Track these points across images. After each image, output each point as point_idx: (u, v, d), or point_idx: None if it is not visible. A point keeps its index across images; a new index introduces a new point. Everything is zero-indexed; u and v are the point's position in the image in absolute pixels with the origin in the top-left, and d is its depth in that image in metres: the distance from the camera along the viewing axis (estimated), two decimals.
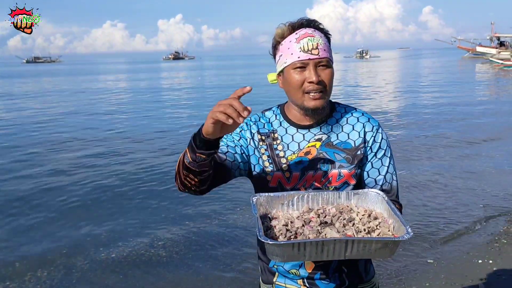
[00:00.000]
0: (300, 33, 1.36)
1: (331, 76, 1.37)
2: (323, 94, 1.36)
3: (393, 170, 1.46)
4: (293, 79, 1.36)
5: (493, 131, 9.96)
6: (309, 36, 1.34)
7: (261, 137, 1.47)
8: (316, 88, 1.34)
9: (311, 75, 1.33)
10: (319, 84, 1.34)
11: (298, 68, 1.35)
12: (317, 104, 1.36)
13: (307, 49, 1.33)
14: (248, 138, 1.47)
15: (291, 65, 1.36)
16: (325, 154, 1.41)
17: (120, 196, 6.24)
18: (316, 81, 1.33)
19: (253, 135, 1.47)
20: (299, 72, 1.35)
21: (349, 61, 73.38)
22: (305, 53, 1.33)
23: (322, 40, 1.35)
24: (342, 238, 1.10)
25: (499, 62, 38.97)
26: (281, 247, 1.09)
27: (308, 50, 1.33)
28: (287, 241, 1.10)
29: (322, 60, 1.34)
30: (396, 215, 1.18)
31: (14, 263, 4.29)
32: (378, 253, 1.12)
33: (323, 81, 1.35)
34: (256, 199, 1.30)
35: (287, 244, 1.08)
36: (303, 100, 1.37)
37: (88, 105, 18.10)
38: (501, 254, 4.03)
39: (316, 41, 1.34)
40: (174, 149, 9.18)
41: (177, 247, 4.47)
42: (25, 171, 7.76)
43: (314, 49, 1.33)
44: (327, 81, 1.36)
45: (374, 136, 1.43)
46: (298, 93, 1.37)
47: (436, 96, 17.64)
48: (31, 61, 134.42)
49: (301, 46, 1.33)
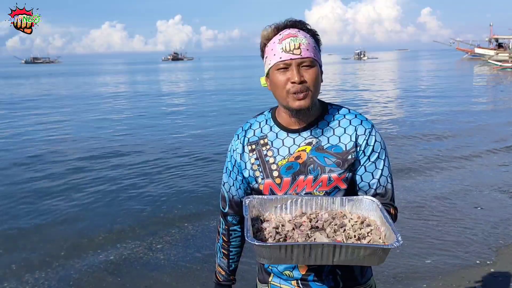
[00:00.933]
0: (283, 34, 1.35)
1: (316, 75, 1.35)
2: (307, 94, 1.34)
3: (388, 173, 1.44)
4: (277, 80, 1.36)
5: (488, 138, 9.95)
6: (291, 37, 1.33)
7: (251, 147, 1.48)
8: (299, 89, 1.33)
9: (293, 75, 1.32)
10: (302, 84, 1.33)
11: (281, 69, 1.34)
12: (301, 104, 1.34)
13: (289, 49, 1.32)
14: (238, 154, 1.50)
15: (274, 66, 1.36)
16: (315, 159, 1.40)
17: (118, 197, 6.23)
18: (298, 81, 1.32)
19: (243, 149, 1.49)
20: (282, 72, 1.34)
21: (346, 62, 73.30)
22: (287, 53, 1.32)
23: (306, 40, 1.34)
24: (330, 242, 1.10)
25: (497, 64, 39.07)
26: (268, 249, 1.08)
27: (290, 50, 1.32)
28: (274, 243, 1.10)
29: (305, 60, 1.33)
30: (388, 222, 1.17)
31: (11, 264, 4.29)
32: (367, 260, 1.11)
33: (306, 81, 1.34)
34: (249, 201, 1.31)
35: (274, 246, 1.08)
36: (288, 101, 1.36)
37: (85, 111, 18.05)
38: (498, 256, 4.04)
39: (299, 41, 1.33)
40: (174, 151, 9.18)
41: (175, 250, 4.47)
42: (23, 172, 7.76)
43: (296, 49, 1.32)
44: (310, 81, 1.34)
45: (366, 139, 1.40)
46: (283, 93, 1.36)
47: (433, 102, 16.59)
48: (30, 61, 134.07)
49: (283, 46, 1.33)
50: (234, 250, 1.65)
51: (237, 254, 1.67)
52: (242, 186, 1.54)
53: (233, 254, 1.66)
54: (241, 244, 1.66)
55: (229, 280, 1.68)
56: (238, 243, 1.65)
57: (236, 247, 1.65)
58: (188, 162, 8.22)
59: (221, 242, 1.66)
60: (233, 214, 1.59)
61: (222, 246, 1.65)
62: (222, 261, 1.67)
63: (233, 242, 1.64)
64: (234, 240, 1.64)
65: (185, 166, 7.86)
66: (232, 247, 1.64)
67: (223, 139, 10.00)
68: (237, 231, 1.63)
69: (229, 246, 1.64)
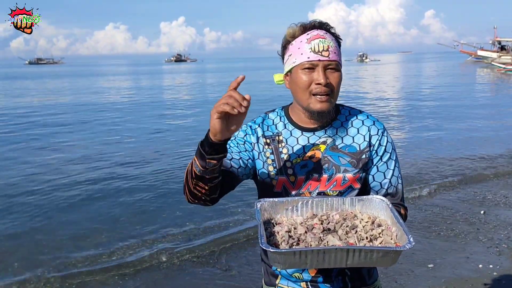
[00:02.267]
0: (311, 34, 1.35)
1: (339, 80, 1.35)
2: (329, 97, 1.34)
3: (398, 173, 1.45)
4: (301, 80, 1.34)
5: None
6: (320, 38, 1.33)
7: (266, 140, 1.45)
8: (323, 91, 1.33)
9: (319, 77, 1.32)
10: (327, 86, 1.33)
11: (307, 68, 1.33)
12: (323, 107, 1.34)
13: (318, 50, 1.32)
14: (253, 143, 1.46)
15: (300, 65, 1.35)
16: (329, 158, 1.40)
17: (121, 199, 6.23)
18: (324, 83, 1.31)
19: (258, 139, 1.46)
20: (308, 73, 1.34)
21: (348, 64, 72.95)
22: (315, 54, 1.32)
23: (333, 43, 1.35)
24: (343, 247, 1.10)
25: (501, 67, 38.97)
26: (283, 255, 1.09)
27: (319, 51, 1.32)
28: (288, 249, 1.10)
29: (332, 63, 1.33)
30: (399, 223, 1.17)
31: (14, 263, 4.30)
32: (380, 262, 1.11)
33: (331, 84, 1.33)
34: (261, 204, 1.29)
35: (288, 252, 1.08)
36: (309, 102, 1.35)
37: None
38: (501, 259, 4.02)
39: (327, 43, 1.33)
40: (175, 154, 9.20)
41: (178, 252, 4.44)
42: (23, 172, 7.78)
43: (325, 51, 1.32)
44: (335, 84, 1.34)
45: (379, 139, 1.42)
46: (305, 94, 1.35)
47: (434, 106, 16.05)
48: (34, 62, 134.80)
49: (311, 46, 1.32)
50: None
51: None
52: (237, 159, 1.38)
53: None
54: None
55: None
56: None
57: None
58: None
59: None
60: None
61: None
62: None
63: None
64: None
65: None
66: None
67: None
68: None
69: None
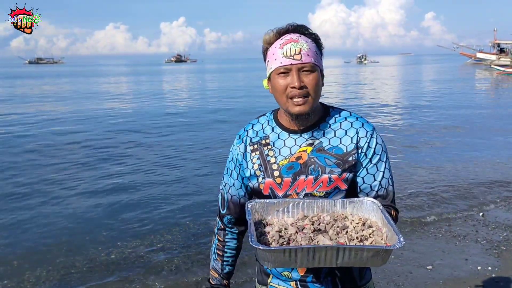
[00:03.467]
0: (284, 39, 1.37)
1: (316, 81, 1.36)
2: (307, 99, 1.36)
3: (389, 175, 1.46)
4: (277, 84, 1.38)
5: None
6: (292, 42, 1.35)
7: (253, 147, 1.49)
8: (299, 93, 1.35)
9: (293, 80, 1.34)
10: (302, 89, 1.35)
11: (282, 73, 1.36)
12: (301, 109, 1.36)
13: (290, 54, 1.34)
14: (241, 153, 1.51)
15: (275, 71, 1.38)
16: (316, 159, 1.41)
17: (120, 196, 6.25)
18: (298, 86, 1.33)
19: (245, 148, 1.50)
20: (283, 77, 1.36)
21: (347, 66, 72.73)
22: (287, 58, 1.34)
23: (306, 45, 1.36)
24: (333, 245, 1.11)
25: (500, 69, 38.94)
26: (272, 253, 1.10)
27: (291, 55, 1.34)
28: (278, 247, 1.11)
29: (305, 65, 1.35)
30: (390, 224, 1.18)
31: (13, 261, 4.31)
32: (370, 261, 1.12)
33: (305, 86, 1.35)
34: (251, 205, 1.31)
35: (278, 250, 1.10)
36: (288, 105, 1.38)
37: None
38: (500, 261, 4.03)
39: (300, 46, 1.34)
40: (176, 158, 9.20)
41: (176, 250, 4.48)
42: (24, 170, 7.79)
43: (297, 54, 1.34)
44: (310, 86, 1.36)
45: (368, 141, 1.42)
46: (283, 98, 1.38)
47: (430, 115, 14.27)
48: (34, 62, 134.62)
49: (284, 51, 1.35)
50: (229, 251, 1.62)
51: (232, 256, 1.63)
52: (243, 186, 1.54)
53: (227, 256, 1.61)
54: (236, 247, 1.63)
55: (222, 285, 1.61)
56: (233, 245, 1.62)
57: (232, 249, 1.62)
58: (194, 161, 8.26)
59: (216, 243, 1.63)
60: (230, 215, 1.58)
61: (217, 246, 1.62)
62: (216, 263, 1.62)
63: (228, 243, 1.61)
64: (230, 241, 1.61)
65: (188, 165, 7.89)
66: (227, 248, 1.61)
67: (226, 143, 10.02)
68: (233, 233, 1.61)
69: (224, 247, 1.61)
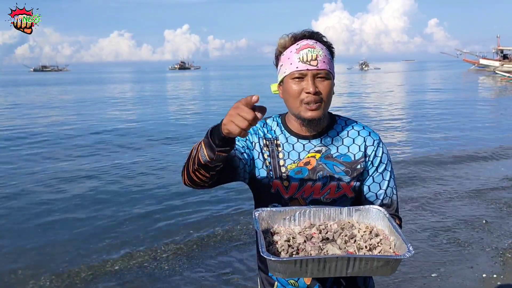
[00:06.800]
0: (301, 44, 1.38)
1: (329, 88, 1.38)
2: (320, 105, 1.37)
3: (393, 184, 1.48)
4: (291, 89, 1.38)
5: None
6: (309, 47, 1.36)
7: (266, 142, 1.49)
8: (313, 99, 1.36)
9: (308, 86, 1.35)
10: (317, 95, 1.36)
11: (297, 78, 1.37)
12: (313, 115, 1.37)
13: (306, 59, 1.35)
14: (254, 143, 1.48)
15: (289, 75, 1.38)
16: (324, 166, 1.42)
17: (123, 205, 6.24)
18: (313, 92, 1.34)
19: (259, 140, 1.49)
20: (297, 82, 1.37)
21: (349, 72, 72.44)
22: (304, 63, 1.35)
23: (322, 52, 1.37)
24: (344, 255, 1.10)
25: (505, 75, 38.87)
26: (284, 263, 1.09)
27: (307, 61, 1.35)
28: (289, 258, 1.11)
29: (321, 71, 1.36)
30: (398, 232, 1.18)
31: (17, 270, 4.30)
32: (380, 271, 1.12)
33: (320, 92, 1.36)
34: (258, 213, 1.31)
35: (289, 261, 1.09)
36: (300, 110, 1.38)
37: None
38: (505, 269, 3.99)
39: (316, 53, 1.36)
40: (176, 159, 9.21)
41: (179, 259, 4.45)
42: (30, 176, 7.81)
43: (313, 60, 1.35)
44: (324, 93, 1.37)
45: (375, 150, 1.45)
46: (296, 103, 1.39)
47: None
48: (39, 69, 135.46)
49: (300, 56, 1.36)
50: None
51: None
52: (240, 153, 1.41)
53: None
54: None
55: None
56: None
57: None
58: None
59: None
60: None
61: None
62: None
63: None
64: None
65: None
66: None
67: None
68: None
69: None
